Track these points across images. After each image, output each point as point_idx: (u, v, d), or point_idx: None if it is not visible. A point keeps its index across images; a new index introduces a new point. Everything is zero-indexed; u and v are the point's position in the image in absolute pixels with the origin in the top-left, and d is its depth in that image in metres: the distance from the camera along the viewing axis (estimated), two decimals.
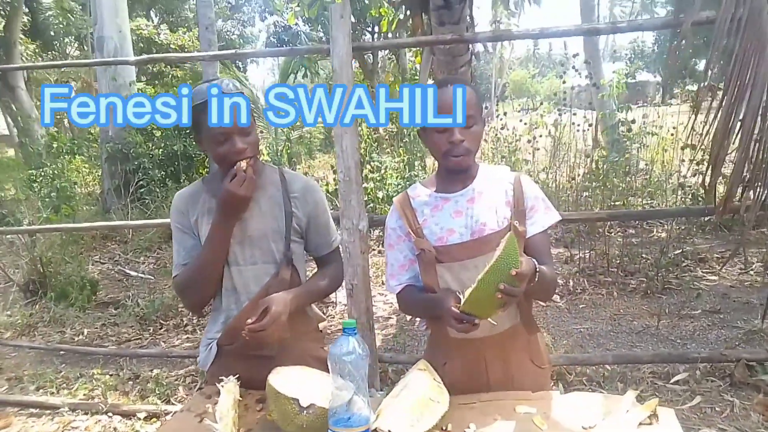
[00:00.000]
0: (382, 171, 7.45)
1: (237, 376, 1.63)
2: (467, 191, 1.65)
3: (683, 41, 3.03)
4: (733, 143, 2.77)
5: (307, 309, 1.89)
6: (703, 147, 5.91)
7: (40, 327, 5.00)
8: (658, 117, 7.12)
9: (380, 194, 7.11)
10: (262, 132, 9.53)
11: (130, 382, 3.84)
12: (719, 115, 2.74)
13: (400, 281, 1.73)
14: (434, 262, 1.61)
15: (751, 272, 5.00)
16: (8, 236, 5.76)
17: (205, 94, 1.64)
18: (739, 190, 2.84)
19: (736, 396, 3.07)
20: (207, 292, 1.79)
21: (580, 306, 4.67)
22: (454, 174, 1.66)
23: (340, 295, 4.89)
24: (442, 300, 1.51)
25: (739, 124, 2.69)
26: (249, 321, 1.60)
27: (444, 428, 1.45)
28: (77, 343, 4.60)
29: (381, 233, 7.07)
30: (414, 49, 11.22)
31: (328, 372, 1.32)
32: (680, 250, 5.29)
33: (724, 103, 2.71)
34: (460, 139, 1.56)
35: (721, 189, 6.12)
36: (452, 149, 1.57)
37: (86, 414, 3.44)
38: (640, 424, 1.40)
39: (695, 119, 2.92)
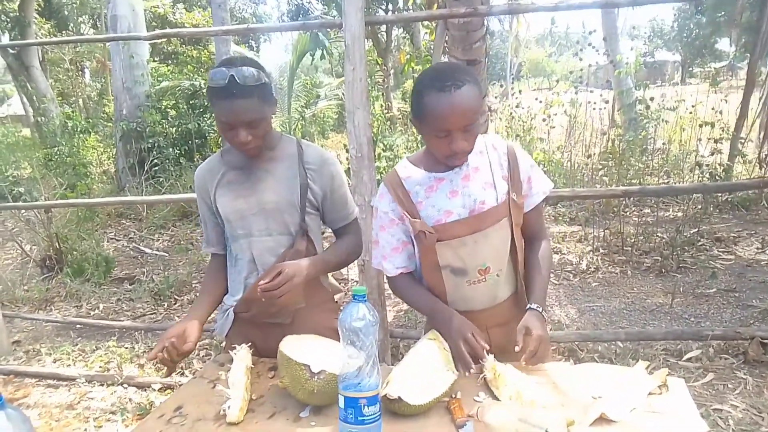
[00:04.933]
0: (395, 150, 7.43)
1: (250, 344, 1.66)
2: (461, 168, 1.59)
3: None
4: None
5: (323, 280, 1.90)
6: (722, 126, 5.86)
7: (56, 301, 5.08)
8: (676, 95, 7.02)
9: None
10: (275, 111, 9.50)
11: (145, 355, 3.90)
12: None
13: (394, 264, 1.69)
14: (434, 243, 1.58)
15: None
16: (25, 213, 5.83)
17: (220, 79, 1.59)
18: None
19: (750, 373, 3.05)
20: None
21: (593, 284, 4.65)
22: None
23: (352, 272, 4.91)
24: (464, 322, 1.54)
25: None
26: (262, 282, 1.61)
27: (453, 396, 1.45)
28: (93, 318, 4.67)
29: None
30: (428, 26, 11.11)
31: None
32: (696, 229, 5.24)
33: None
34: (463, 147, 1.48)
35: (739, 168, 6.08)
36: (454, 155, 1.50)
37: (102, 385, 3.51)
38: (650, 393, 1.40)
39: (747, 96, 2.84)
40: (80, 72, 17.77)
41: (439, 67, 1.57)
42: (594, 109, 7.14)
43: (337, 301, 2.04)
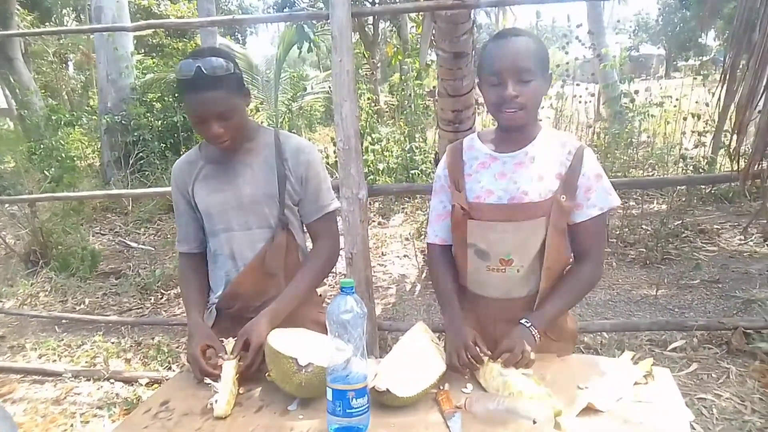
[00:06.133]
0: (383, 143, 7.41)
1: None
2: (518, 154, 1.58)
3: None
4: (755, 109, 2.75)
5: None
6: (707, 119, 5.90)
7: (41, 296, 5.03)
8: (661, 89, 7.07)
9: (381, 166, 7.09)
10: (262, 103, 9.44)
11: (132, 350, 3.88)
12: (744, 82, 2.70)
13: (434, 231, 1.73)
14: (465, 218, 1.59)
15: (751, 243, 5.00)
16: (9, 207, 5.76)
17: (187, 71, 1.56)
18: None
19: (733, 363, 3.09)
20: None
21: None
22: (510, 131, 1.59)
23: (340, 265, 4.90)
24: (460, 334, 1.53)
25: (762, 89, 2.66)
26: (231, 357, 1.57)
27: (441, 388, 1.46)
28: (79, 312, 4.63)
29: (381, 204, 7.08)
30: (415, 19, 11.06)
31: (327, 334, 1.32)
32: (680, 221, 5.29)
33: (749, 69, 2.68)
34: (513, 95, 1.46)
35: (722, 160, 6.13)
36: (504, 104, 1.49)
37: (88, 380, 3.48)
38: (636, 383, 1.42)
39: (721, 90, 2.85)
40: (64, 64, 17.54)
41: (503, 29, 1.61)
42: (580, 102, 7.17)
43: (320, 295, 2.04)
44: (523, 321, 1.53)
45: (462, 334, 1.53)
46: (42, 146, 7.82)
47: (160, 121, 8.57)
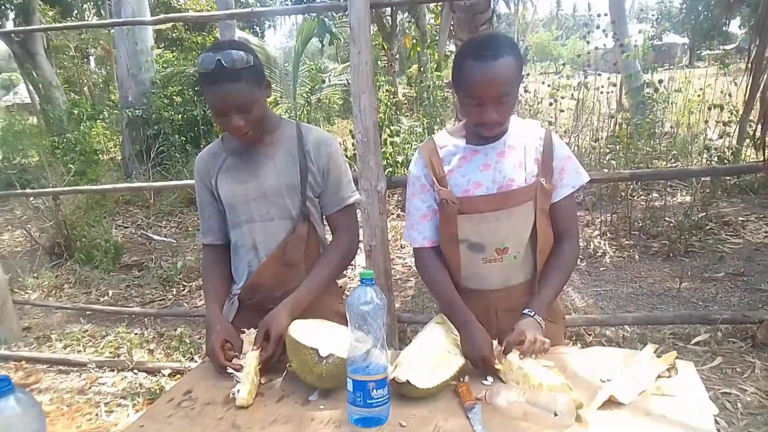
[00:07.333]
0: (402, 135, 7.39)
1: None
2: (498, 144, 1.60)
3: None
4: None
5: None
6: (731, 109, 5.79)
7: (66, 288, 5.12)
8: (686, 78, 6.95)
9: (400, 158, 7.06)
10: (281, 96, 9.46)
11: (155, 341, 3.93)
12: None
13: (422, 234, 1.68)
14: (455, 213, 1.59)
15: None
16: (33, 201, 5.86)
17: (208, 64, 1.56)
18: None
19: (758, 357, 3.04)
20: None
21: (601, 269, 4.64)
22: None
23: (359, 258, 4.90)
24: (478, 340, 1.49)
25: None
26: (253, 348, 1.58)
27: (461, 379, 1.46)
28: (102, 304, 4.70)
29: (400, 197, 7.07)
30: (433, 10, 11.01)
31: (347, 325, 1.32)
32: (704, 213, 5.21)
33: None
34: (494, 118, 1.49)
35: (748, 151, 6.02)
36: (484, 124, 1.52)
37: (112, 371, 3.54)
38: (659, 376, 1.40)
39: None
40: (85, 59, 17.77)
41: (483, 36, 1.58)
42: (601, 92, 7.07)
43: (341, 286, 2.04)
44: (526, 311, 1.55)
45: (477, 342, 1.50)
46: (65, 140, 7.94)
47: (180, 115, 8.64)
